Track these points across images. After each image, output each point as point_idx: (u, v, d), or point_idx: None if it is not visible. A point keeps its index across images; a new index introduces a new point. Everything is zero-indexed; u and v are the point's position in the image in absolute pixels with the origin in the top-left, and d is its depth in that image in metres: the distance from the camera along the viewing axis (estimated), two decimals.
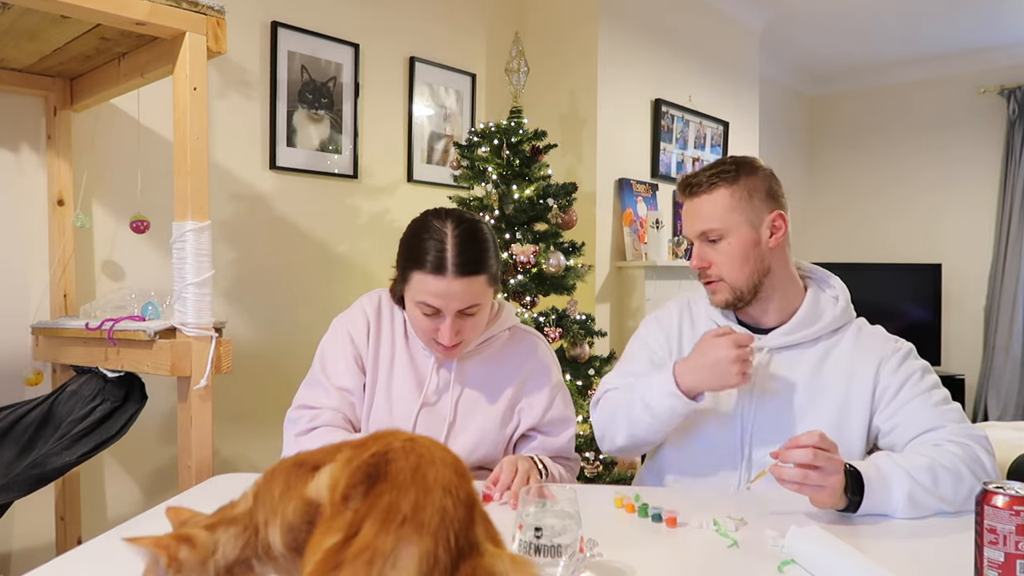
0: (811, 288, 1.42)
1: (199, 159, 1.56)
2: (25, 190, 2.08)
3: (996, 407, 4.91)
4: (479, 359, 1.44)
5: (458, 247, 1.25)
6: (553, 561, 0.83)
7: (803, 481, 1.07)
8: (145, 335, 1.59)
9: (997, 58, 4.96)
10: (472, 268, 1.26)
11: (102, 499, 2.23)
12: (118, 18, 1.46)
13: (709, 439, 1.38)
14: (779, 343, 1.37)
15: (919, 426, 1.27)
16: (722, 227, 1.33)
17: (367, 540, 0.59)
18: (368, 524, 0.60)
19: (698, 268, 1.38)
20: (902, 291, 4.91)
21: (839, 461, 1.10)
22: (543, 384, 1.45)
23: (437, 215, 1.31)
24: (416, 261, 1.26)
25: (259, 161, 2.57)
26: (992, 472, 1.21)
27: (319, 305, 2.67)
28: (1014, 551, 0.82)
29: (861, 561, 0.89)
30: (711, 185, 1.34)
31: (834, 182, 5.76)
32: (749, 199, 1.34)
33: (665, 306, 1.55)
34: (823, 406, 1.33)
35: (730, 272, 1.35)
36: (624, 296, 3.42)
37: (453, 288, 1.25)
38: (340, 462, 0.68)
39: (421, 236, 1.27)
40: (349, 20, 2.82)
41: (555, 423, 1.46)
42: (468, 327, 1.32)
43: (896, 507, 1.13)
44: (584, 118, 3.34)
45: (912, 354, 1.36)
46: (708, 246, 1.36)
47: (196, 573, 0.70)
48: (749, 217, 1.33)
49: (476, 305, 1.29)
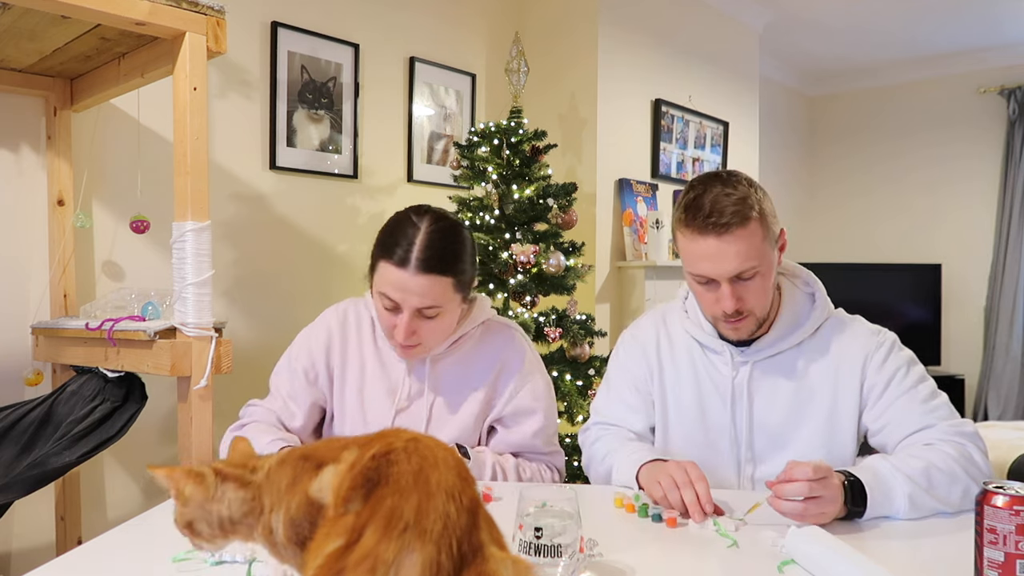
0: (784, 287, 1.37)
1: (199, 159, 1.56)
2: (25, 190, 2.08)
3: (996, 407, 4.91)
4: (452, 359, 1.40)
5: (426, 243, 1.23)
6: (553, 561, 0.82)
7: (803, 514, 1.05)
8: (145, 335, 1.59)
9: (997, 58, 4.96)
10: (436, 267, 1.23)
11: (102, 499, 2.23)
12: (118, 18, 1.46)
13: (704, 460, 1.34)
14: (763, 355, 1.34)
15: (909, 426, 1.26)
16: (759, 262, 1.21)
17: (369, 547, 0.58)
18: (370, 530, 0.60)
19: (735, 311, 1.23)
20: (902, 291, 4.91)
21: (836, 487, 1.08)
22: (511, 376, 1.40)
23: (418, 211, 1.29)
24: (385, 250, 1.26)
25: (259, 161, 2.57)
26: (985, 469, 1.20)
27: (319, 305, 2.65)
28: (1014, 551, 0.82)
29: (861, 561, 0.89)
30: (744, 219, 1.19)
31: (834, 182, 5.76)
32: (771, 224, 1.24)
33: (639, 322, 1.51)
34: (813, 413, 1.31)
35: (761, 304, 1.26)
36: (624, 296, 3.42)
37: (413, 283, 1.22)
38: (344, 462, 0.68)
39: (395, 228, 1.27)
40: (349, 20, 2.82)
41: (517, 415, 1.41)
42: (427, 330, 1.28)
43: (898, 510, 1.13)
44: (584, 118, 3.34)
45: (896, 346, 1.33)
46: (740, 285, 1.22)
47: (199, 509, 0.73)
48: (772, 242, 1.25)
49: (436, 307, 1.26)
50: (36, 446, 1.75)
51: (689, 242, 1.24)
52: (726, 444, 1.36)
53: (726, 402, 1.35)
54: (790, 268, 1.41)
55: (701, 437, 1.38)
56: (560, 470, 1.50)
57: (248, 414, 1.44)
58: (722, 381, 1.36)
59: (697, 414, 1.38)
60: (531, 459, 1.45)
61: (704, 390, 1.38)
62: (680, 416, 1.40)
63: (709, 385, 1.38)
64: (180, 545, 1.00)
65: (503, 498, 1.22)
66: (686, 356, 1.41)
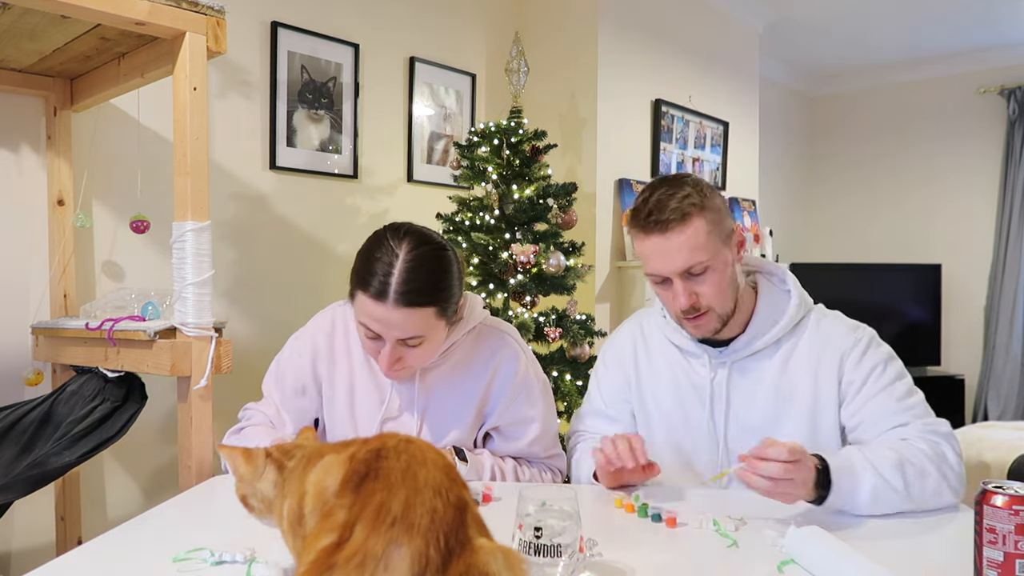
0: (761, 285, 1.37)
1: (199, 159, 1.56)
2: (25, 190, 2.08)
3: (996, 407, 4.90)
4: (443, 368, 1.36)
5: (405, 275, 1.15)
6: (553, 561, 0.83)
7: (771, 491, 1.06)
8: (145, 335, 1.59)
9: (997, 58, 4.96)
10: (415, 300, 1.16)
11: (102, 499, 2.23)
12: (118, 18, 1.46)
13: (686, 463, 1.34)
14: (741, 355, 1.34)
15: (884, 424, 1.26)
16: (707, 257, 1.24)
17: (358, 543, 0.60)
18: (360, 526, 0.61)
19: (689, 306, 1.26)
20: (902, 291, 4.91)
21: (809, 470, 1.08)
22: (506, 383, 1.36)
23: (396, 233, 1.20)
24: (361, 281, 1.18)
25: (259, 161, 2.57)
26: (957, 468, 1.20)
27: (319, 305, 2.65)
28: (1013, 550, 0.82)
29: (861, 561, 0.89)
30: (684, 215, 1.22)
31: (834, 182, 5.76)
32: (720, 220, 1.26)
33: (617, 332, 1.53)
34: (795, 412, 1.32)
35: (720, 301, 1.27)
36: (624, 296, 3.42)
37: (393, 317, 1.16)
38: (337, 458, 0.71)
39: (373, 254, 1.18)
40: (349, 20, 2.82)
41: (513, 425, 1.39)
42: (411, 356, 1.24)
43: (860, 503, 1.13)
44: (584, 118, 3.34)
45: (874, 342, 1.33)
46: (693, 281, 1.26)
47: (249, 486, 0.81)
48: (723, 238, 1.26)
49: (419, 337, 1.21)
50: (36, 446, 1.75)
51: (639, 243, 1.29)
52: (707, 446, 1.36)
53: (705, 404, 1.36)
54: (766, 266, 1.41)
55: (683, 440, 1.38)
56: (561, 471, 1.49)
57: (247, 417, 1.44)
58: (701, 383, 1.37)
59: (678, 418, 1.39)
60: (531, 462, 1.44)
61: (684, 394, 1.38)
62: (661, 420, 1.41)
63: (688, 388, 1.38)
64: (180, 545, 1.00)
65: (503, 498, 1.22)
66: (664, 361, 1.41)
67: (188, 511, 1.23)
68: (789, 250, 5.46)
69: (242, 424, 1.43)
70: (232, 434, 1.41)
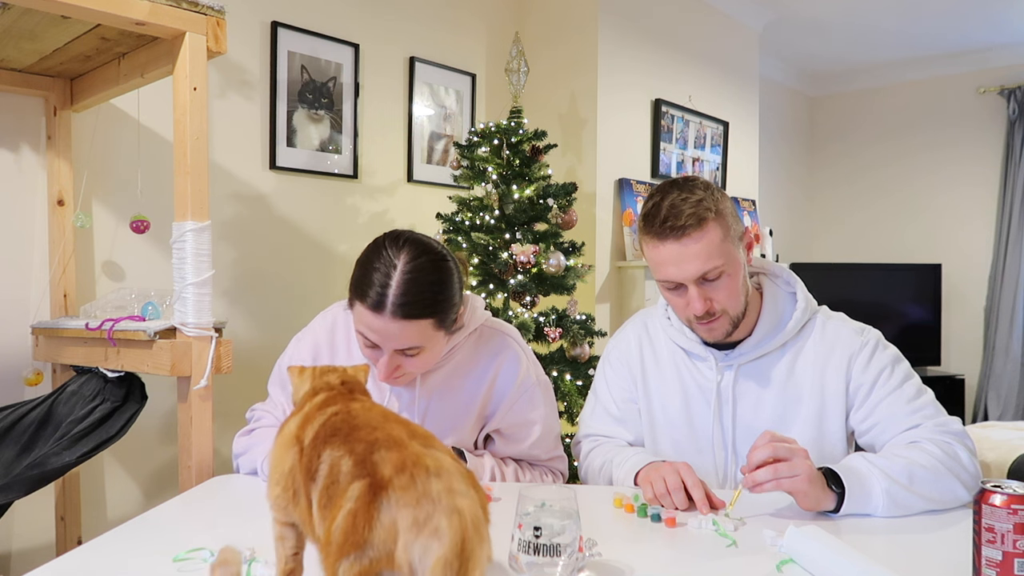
0: (765, 287, 1.36)
1: (199, 159, 1.56)
2: (25, 190, 2.08)
3: (996, 407, 4.90)
4: (444, 371, 1.35)
5: (403, 286, 1.14)
6: (552, 561, 0.83)
7: (776, 476, 1.07)
8: (145, 335, 1.59)
9: (997, 58, 4.96)
10: (413, 312, 1.15)
11: (102, 499, 2.23)
12: (118, 18, 1.46)
13: (692, 466, 1.36)
14: (748, 358, 1.33)
15: (896, 427, 1.26)
16: (723, 262, 1.22)
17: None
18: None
19: (704, 312, 1.25)
20: (902, 291, 4.91)
21: (801, 451, 1.11)
22: (507, 385, 1.36)
23: (395, 242, 1.18)
24: (359, 291, 1.17)
25: (259, 161, 2.57)
26: (970, 467, 1.19)
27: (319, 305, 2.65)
28: (1012, 550, 0.82)
29: (860, 560, 0.89)
30: (701, 220, 1.20)
31: (834, 182, 5.76)
32: (732, 223, 1.25)
33: (621, 333, 1.51)
34: (801, 415, 1.31)
35: (733, 304, 1.26)
36: (624, 296, 3.42)
37: (390, 328, 1.15)
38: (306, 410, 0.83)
39: (371, 264, 1.17)
40: (349, 20, 2.82)
41: (515, 428, 1.38)
42: (410, 364, 1.23)
43: (877, 505, 1.13)
44: (584, 118, 3.34)
45: (880, 345, 1.32)
46: (708, 286, 1.24)
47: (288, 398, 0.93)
48: (735, 241, 1.26)
49: (417, 348, 1.20)
50: (36, 446, 1.75)
51: (652, 249, 1.26)
52: (714, 449, 1.36)
53: (711, 407, 1.35)
54: (771, 267, 1.41)
55: (689, 443, 1.38)
56: (563, 473, 1.48)
57: (255, 418, 1.45)
58: (707, 386, 1.36)
59: (684, 420, 1.38)
60: (533, 465, 1.44)
61: (690, 396, 1.38)
62: (667, 423, 1.40)
63: (695, 391, 1.38)
64: (180, 545, 1.00)
65: (503, 498, 1.22)
66: (671, 363, 1.41)
67: (188, 511, 1.22)
68: (789, 250, 5.46)
69: (252, 426, 1.43)
70: (242, 435, 1.42)
